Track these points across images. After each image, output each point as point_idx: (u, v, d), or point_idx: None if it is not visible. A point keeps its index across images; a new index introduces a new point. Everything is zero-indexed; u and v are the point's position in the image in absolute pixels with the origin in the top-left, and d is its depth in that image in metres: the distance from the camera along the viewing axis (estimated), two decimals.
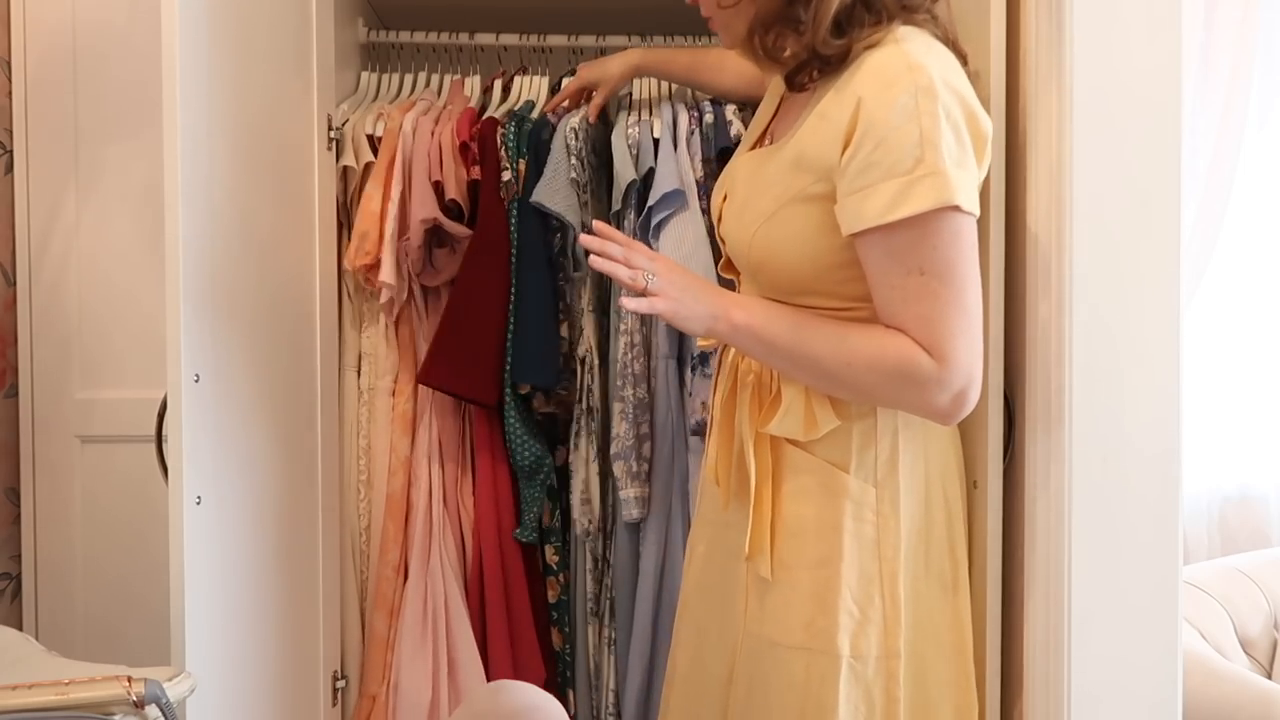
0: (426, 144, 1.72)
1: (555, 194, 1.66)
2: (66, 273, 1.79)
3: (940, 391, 0.99)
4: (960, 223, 0.96)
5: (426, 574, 1.72)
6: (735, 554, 1.16)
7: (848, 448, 1.09)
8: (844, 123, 0.97)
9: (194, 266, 1.19)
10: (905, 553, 1.09)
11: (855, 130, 0.96)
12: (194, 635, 1.18)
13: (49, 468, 1.79)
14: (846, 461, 1.09)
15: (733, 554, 1.17)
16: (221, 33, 1.29)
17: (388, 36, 1.96)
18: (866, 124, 0.95)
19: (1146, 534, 1.13)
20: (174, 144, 1.15)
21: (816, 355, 1.04)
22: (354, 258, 1.68)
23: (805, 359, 1.05)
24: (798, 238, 1.04)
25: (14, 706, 0.93)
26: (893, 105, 0.94)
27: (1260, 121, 2.18)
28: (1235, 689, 1.57)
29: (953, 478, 1.15)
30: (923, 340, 0.98)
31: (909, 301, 0.98)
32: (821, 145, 1.00)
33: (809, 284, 1.07)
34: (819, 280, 1.06)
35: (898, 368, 1.00)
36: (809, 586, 1.09)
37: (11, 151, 1.79)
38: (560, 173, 1.67)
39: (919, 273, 0.97)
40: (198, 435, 1.20)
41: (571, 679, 1.78)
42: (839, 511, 1.08)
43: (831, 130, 0.99)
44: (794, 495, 1.11)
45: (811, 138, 1.02)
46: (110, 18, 1.78)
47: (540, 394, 1.74)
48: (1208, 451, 2.27)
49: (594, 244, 1.06)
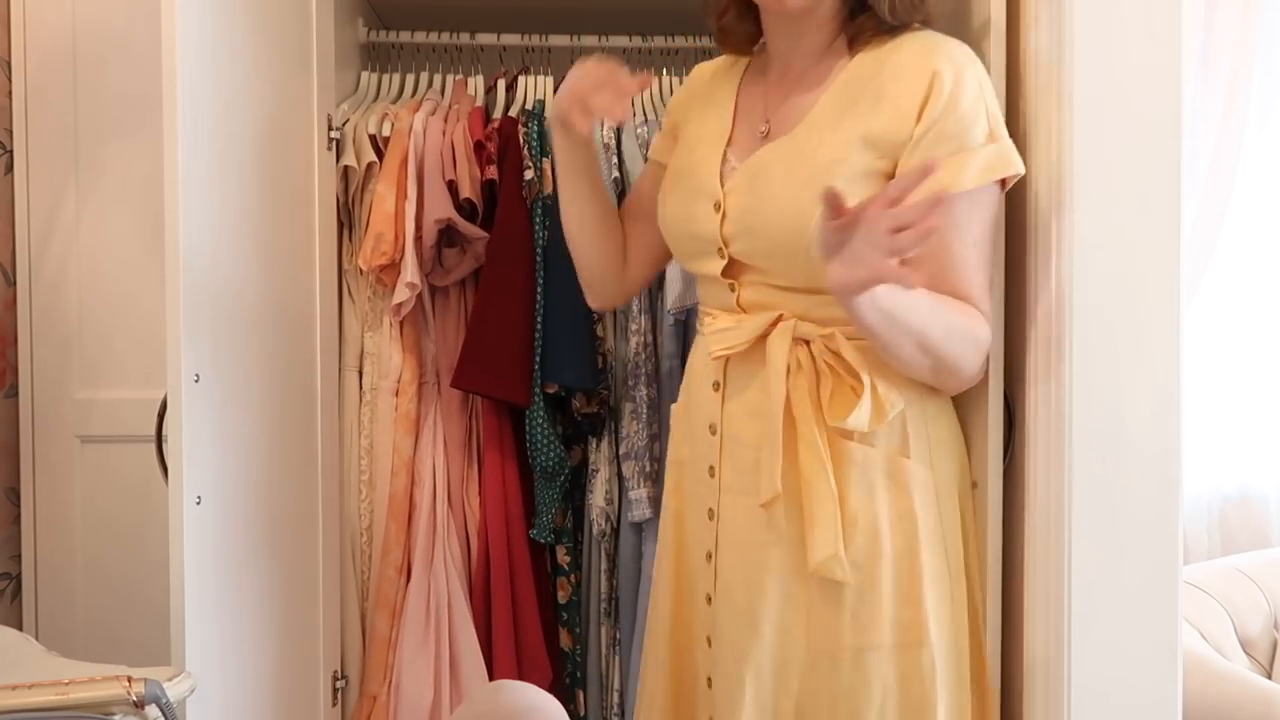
0: (438, 143, 1.72)
1: None
2: (66, 273, 1.79)
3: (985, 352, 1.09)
4: (1000, 194, 1.08)
5: (429, 574, 1.72)
6: (777, 572, 1.10)
7: (904, 434, 1.10)
8: (917, 98, 1.03)
9: (194, 266, 1.19)
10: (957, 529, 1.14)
11: (929, 104, 1.02)
12: (194, 635, 1.18)
13: (49, 468, 1.79)
14: (905, 448, 1.10)
15: (773, 572, 1.11)
16: (221, 33, 1.29)
17: (388, 36, 1.96)
18: (945, 96, 1.02)
19: (1146, 534, 1.12)
20: (174, 144, 1.15)
21: (926, 324, 1.03)
22: (370, 258, 1.68)
23: (920, 330, 1.03)
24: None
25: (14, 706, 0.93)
26: (964, 83, 1.03)
27: (1260, 122, 2.18)
28: (1235, 689, 1.57)
29: (965, 458, 1.19)
30: (983, 308, 1.07)
31: (962, 270, 1.05)
32: (890, 121, 1.04)
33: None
34: None
35: (979, 337, 1.07)
36: (892, 582, 1.08)
37: (11, 151, 1.79)
38: (600, 173, 1.67)
39: (973, 245, 1.05)
40: (198, 435, 1.20)
41: (582, 679, 1.79)
42: (909, 499, 1.09)
43: (901, 107, 1.04)
44: (861, 492, 1.08)
45: (877, 116, 1.05)
46: (110, 18, 1.78)
47: (582, 395, 1.74)
48: (1208, 451, 2.27)
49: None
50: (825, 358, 1.09)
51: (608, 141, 1.71)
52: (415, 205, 1.68)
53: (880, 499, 1.08)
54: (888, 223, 0.89)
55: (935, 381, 1.10)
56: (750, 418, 1.13)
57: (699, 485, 1.21)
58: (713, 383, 1.18)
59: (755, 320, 1.13)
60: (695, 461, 1.21)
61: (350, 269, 1.77)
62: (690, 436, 1.23)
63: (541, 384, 1.71)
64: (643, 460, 1.70)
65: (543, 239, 1.71)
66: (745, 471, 1.13)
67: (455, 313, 1.82)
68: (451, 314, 1.81)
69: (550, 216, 1.71)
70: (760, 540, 1.12)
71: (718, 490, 1.17)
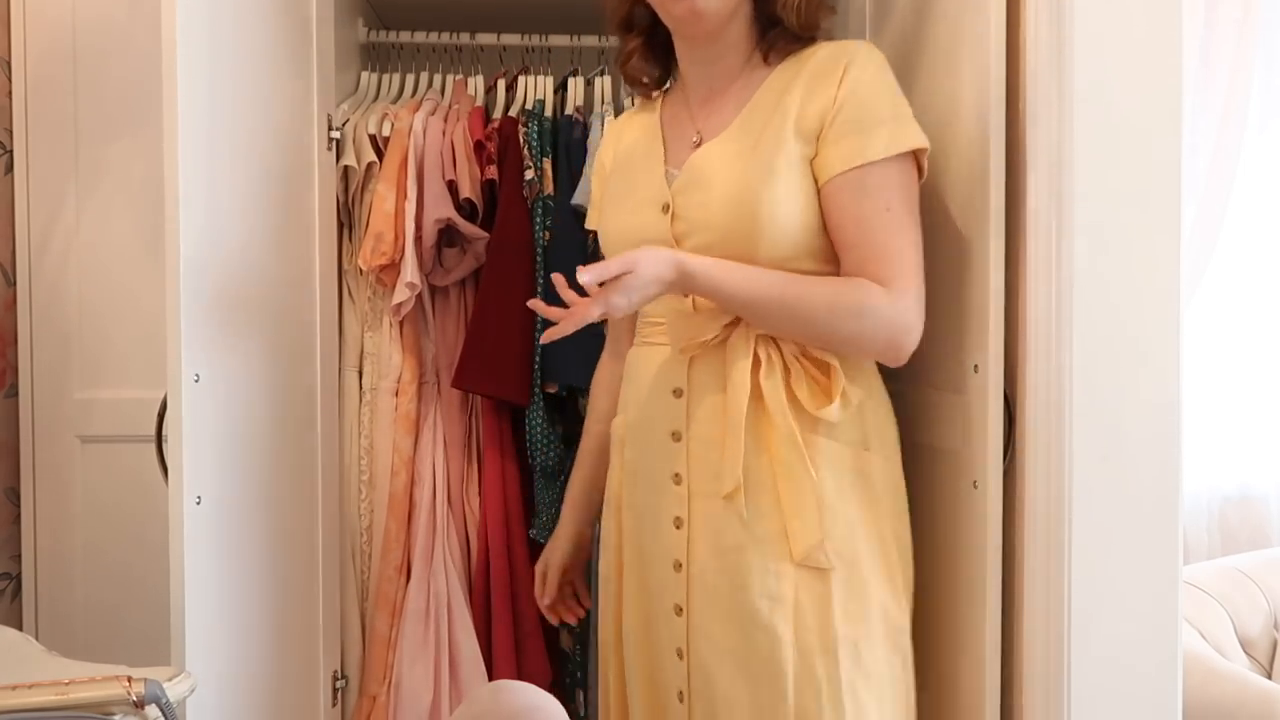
0: (438, 143, 1.72)
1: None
2: (66, 273, 1.79)
3: (895, 319, 1.09)
4: (913, 170, 1.14)
5: (429, 574, 1.72)
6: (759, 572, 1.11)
7: (861, 424, 1.15)
8: (831, 89, 1.12)
9: (194, 266, 1.19)
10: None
11: (841, 91, 1.12)
12: (194, 635, 1.18)
13: (49, 468, 1.79)
14: (866, 439, 1.15)
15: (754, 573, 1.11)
16: (221, 32, 1.29)
17: (388, 36, 1.96)
18: (852, 85, 1.12)
19: (1146, 534, 1.12)
20: (174, 144, 1.15)
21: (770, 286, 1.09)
22: (370, 258, 1.68)
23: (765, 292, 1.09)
24: (798, 195, 1.12)
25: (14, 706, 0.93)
26: (870, 70, 1.13)
27: (1260, 122, 2.18)
28: (1235, 688, 1.57)
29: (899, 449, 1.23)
30: (884, 272, 1.09)
31: (878, 234, 1.10)
32: (813, 111, 1.13)
33: (808, 242, 1.14)
34: (816, 237, 1.14)
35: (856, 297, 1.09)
36: (876, 572, 1.12)
37: (11, 151, 1.79)
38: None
39: (885, 209, 1.10)
40: (198, 435, 1.20)
41: (582, 679, 1.78)
42: (873, 491, 1.14)
43: (820, 99, 1.13)
44: (833, 485, 1.11)
45: (802, 109, 1.14)
46: (110, 17, 1.78)
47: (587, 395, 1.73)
48: (1208, 451, 2.27)
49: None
50: (792, 350, 1.13)
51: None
52: (415, 205, 1.68)
53: (849, 491, 1.12)
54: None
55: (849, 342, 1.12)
56: (719, 419, 1.14)
57: (660, 495, 1.18)
58: (673, 389, 1.18)
59: (719, 314, 1.15)
60: (651, 472, 1.20)
61: (350, 269, 1.77)
62: (644, 447, 1.21)
63: (541, 384, 1.71)
64: None
65: (543, 239, 1.71)
66: (717, 475, 1.14)
67: (455, 313, 1.82)
68: (451, 314, 1.81)
69: (550, 216, 1.71)
70: (738, 542, 1.12)
71: (686, 497, 1.16)
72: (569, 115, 1.77)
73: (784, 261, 1.12)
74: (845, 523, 1.11)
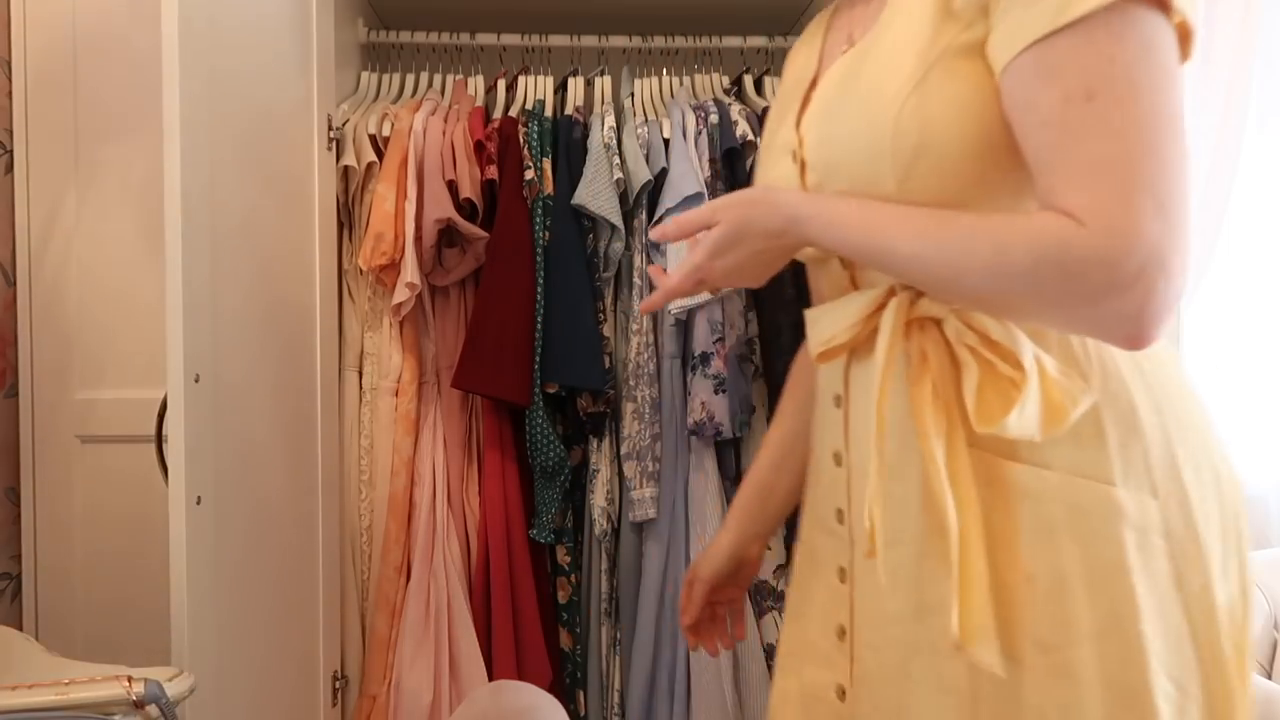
0: (438, 143, 1.72)
1: (598, 195, 1.68)
2: (66, 273, 1.79)
3: (1111, 278, 0.63)
4: (1155, 27, 0.65)
5: (429, 574, 1.72)
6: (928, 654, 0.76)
7: (1102, 444, 0.73)
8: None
9: (194, 266, 1.19)
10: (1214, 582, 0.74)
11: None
12: (194, 635, 1.18)
13: (49, 468, 1.79)
14: (1106, 467, 0.72)
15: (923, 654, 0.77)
16: (221, 32, 1.29)
17: (388, 36, 1.97)
18: None
19: None
20: (174, 144, 1.15)
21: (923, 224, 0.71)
22: (370, 258, 1.68)
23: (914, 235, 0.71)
24: (959, 100, 0.72)
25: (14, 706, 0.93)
26: None
27: (1260, 122, 2.18)
28: None
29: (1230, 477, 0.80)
30: (1085, 204, 0.64)
31: (1067, 141, 0.65)
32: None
33: (984, 170, 0.72)
34: (997, 164, 0.72)
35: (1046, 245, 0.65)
36: (1095, 670, 0.70)
37: (11, 151, 1.79)
38: (602, 174, 1.68)
39: (1084, 98, 0.64)
40: (198, 435, 1.20)
41: (582, 680, 1.79)
42: (1116, 548, 0.71)
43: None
44: (1033, 537, 0.72)
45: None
46: (110, 18, 1.78)
47: (588, 395, 1.74)
48: None
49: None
50: (966, 339, 0.74)
51: (608, 141, 1.71)
52: (415, 205, 1.68)
53: (1064, 548, 0.72)
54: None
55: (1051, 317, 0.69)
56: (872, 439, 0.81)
57: (826, 536, 0.88)
58: (833, 397, 0.87)
59: (860, 299, 0.80)
60: (818, 503, 0.90)
61: (350, 269, 1.77)
62: (814, 469, 0.92)
63: (541, 384, 1.71)
64: (645, 460, 1.70)
65: (543, 239, 1.71)
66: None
67: (455, 313, 1.82)
68: (451, 314, 1.81)
69: (550, 216, 1.71)
70: (906, 610, 0.77)
71: (849, 542, 0.84)
72: (569, 115, 1.78)
73: (957, 195, 0.74)
74: (1048, 597, 0.71)
